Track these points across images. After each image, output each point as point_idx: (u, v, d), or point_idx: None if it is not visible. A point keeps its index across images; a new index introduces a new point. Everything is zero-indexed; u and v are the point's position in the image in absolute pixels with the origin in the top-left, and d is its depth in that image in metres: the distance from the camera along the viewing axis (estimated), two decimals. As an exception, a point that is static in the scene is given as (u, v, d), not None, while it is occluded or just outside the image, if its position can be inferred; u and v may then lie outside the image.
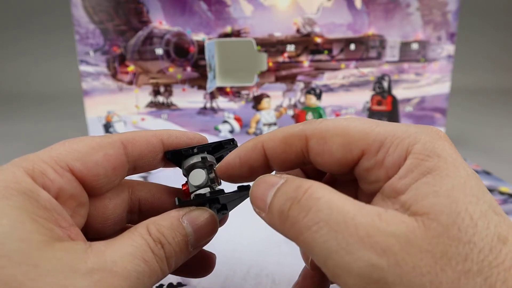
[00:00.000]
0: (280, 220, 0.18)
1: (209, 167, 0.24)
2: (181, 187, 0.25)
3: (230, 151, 0.25)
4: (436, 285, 0.14)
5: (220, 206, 0.23)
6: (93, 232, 0.23)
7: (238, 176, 0.23)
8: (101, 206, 0.23)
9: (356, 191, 0.22)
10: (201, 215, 0.22)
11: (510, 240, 0.15)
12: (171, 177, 0.26)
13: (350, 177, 0.22)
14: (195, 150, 0.24)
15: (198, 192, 0.23)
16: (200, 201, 0.22)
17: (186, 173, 0.24)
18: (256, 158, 0.22)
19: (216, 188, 0.23)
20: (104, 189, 0.22)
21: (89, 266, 0.17)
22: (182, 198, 0.23)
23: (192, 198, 0.23)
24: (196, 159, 0.24)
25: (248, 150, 0.22)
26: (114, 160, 0.22)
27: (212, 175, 0.24)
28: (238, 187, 0.23)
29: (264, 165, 0.22)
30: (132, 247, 0.18)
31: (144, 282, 0.18)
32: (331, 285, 0.27)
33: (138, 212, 0.26)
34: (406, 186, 0.17)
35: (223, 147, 0.25)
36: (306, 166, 0.23)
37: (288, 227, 0.17)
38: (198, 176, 0.24)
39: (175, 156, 0.24)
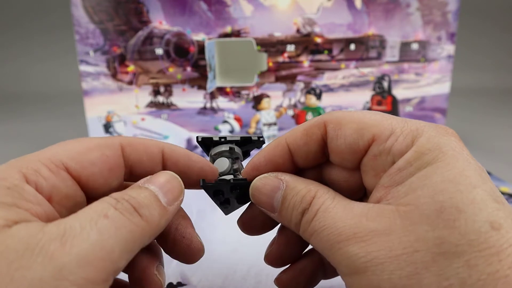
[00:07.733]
0: (295, 228, 0.22)
1: (234, 159, 0.26)
2: None
3: (256, 147, 0.27)
4: (410, 262, 0.16)
5: (240, 194, 0.24)
6: None
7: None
8: None
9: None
10: (160, 175, 0.21)
11: (505, 227, 0.16)
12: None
13: (357, 186, 0.23)
14: (225, 139, 0.26)
15: (222, 177, 0.25)
16: (223, 184, 0.24)
17: (212, 160, 0.26)
18: (280, 155, 0.23)
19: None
20: (101, 190, 0.22)
21: (44, 241, 0.15)
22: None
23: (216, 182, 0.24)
24: (224, 147, 0.26)
25: (272, 148, 0.24)
26: (111, 161, 0.22)
27: (236, 166, 0.25)
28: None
29: (288, 161, 0.23)
30: (91, 209, 0.18)
31: (110, 235, 0.17)
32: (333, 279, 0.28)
33: None
34: (402, 179, 0.19)
35: (251, 141, 0.26)
36: (326, 160, 0.24)
37: (300, 232, 0.21)
38: (223, 163, 0.25)
39: (205, 142, 0.26)
